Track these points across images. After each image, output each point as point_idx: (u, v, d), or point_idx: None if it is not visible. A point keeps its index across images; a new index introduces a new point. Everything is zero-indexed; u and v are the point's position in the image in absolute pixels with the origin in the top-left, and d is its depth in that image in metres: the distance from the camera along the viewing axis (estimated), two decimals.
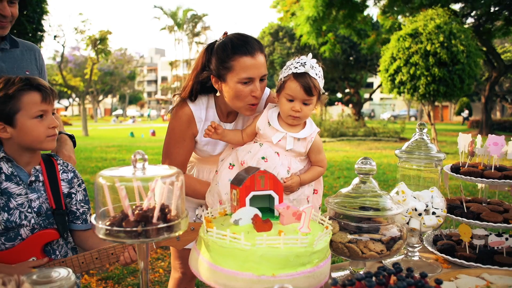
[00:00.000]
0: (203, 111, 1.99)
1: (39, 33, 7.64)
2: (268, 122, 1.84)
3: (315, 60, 1.80)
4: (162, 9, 47.06)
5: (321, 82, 1.79)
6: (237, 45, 1.81)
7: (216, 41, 1.91)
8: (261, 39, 27.79)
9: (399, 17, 18.15)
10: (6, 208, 1.63)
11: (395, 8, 17.22)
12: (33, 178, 1.70)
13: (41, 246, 1.67)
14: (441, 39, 13.37)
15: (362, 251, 1.39)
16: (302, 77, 1.74)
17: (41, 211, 1.70)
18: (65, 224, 1.75)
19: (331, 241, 1.40)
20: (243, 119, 2.07)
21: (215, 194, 1.87)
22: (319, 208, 2.00)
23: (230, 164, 1.88)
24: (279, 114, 1.85)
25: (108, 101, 60.82)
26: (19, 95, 1.61)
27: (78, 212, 1.80)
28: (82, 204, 1.82)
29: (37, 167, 1.73)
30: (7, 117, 1.61)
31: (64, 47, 20.81)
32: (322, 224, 1.38)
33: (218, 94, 1.96)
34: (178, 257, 2.24)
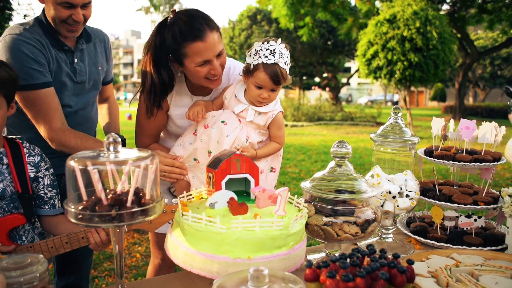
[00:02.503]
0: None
1: (7, 11, 7.33)
2: (235, 94, 1.88)
3: (283, 45, 1.79)
4: None
5: (288, 68, 1.82)
6: (184, 31, 1.74)
7: (167, 18, 1.82)
8: (240, 22, 27.48)
9: (377, 2, 18.20)
10: None
11: None
12: None
13: (7, 232, 1.60)
14: (418, 25, 13.52)
15: (337, 233, 1.41)
16: (272, 68, 1.76)
17: (5, 195, 1.62)
18: (32, 209, 1.69)
19: (307, 224, 1.42)
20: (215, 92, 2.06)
21: (188, 146, 1.88)
22: (274, 186, 2.05)
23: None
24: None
25: None
26: None
27: (45, 197, 1.74)
28: (50, 188, 1.75)
29: (1, 149, 1.65)
30: None
31: None
32: (298, 207, 1.40)
33: (179, 74, 1.96)
34: (156, 243, 2.22)
